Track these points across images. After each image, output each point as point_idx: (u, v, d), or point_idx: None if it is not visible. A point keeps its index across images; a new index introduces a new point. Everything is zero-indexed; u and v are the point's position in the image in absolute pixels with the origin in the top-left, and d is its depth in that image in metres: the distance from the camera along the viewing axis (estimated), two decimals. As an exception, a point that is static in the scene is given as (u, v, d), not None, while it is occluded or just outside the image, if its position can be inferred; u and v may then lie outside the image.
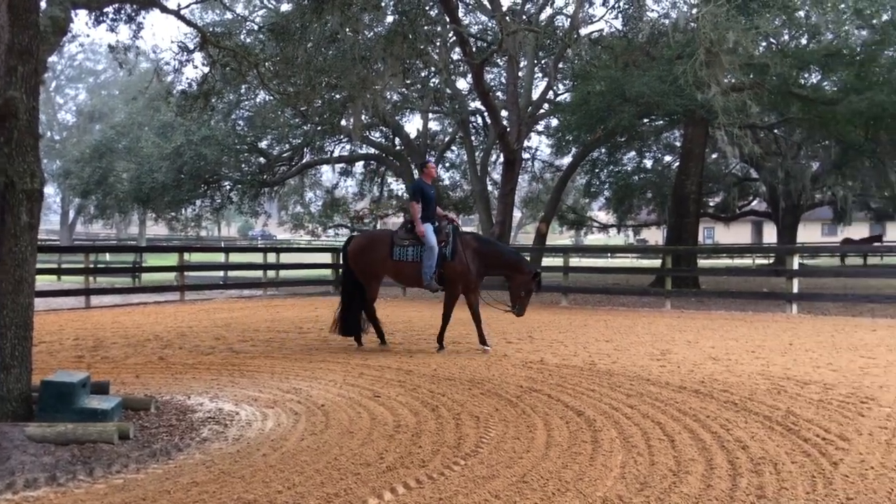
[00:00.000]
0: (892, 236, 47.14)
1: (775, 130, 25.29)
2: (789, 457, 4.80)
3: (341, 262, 10.77)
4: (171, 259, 25.39)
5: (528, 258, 26.14)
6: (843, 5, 15.02)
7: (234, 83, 19.00)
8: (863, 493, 4.12)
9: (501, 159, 25.66)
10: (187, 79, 27.81)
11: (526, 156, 30.40)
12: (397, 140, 29.78)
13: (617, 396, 6.68)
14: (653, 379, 7.56)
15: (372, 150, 31.05)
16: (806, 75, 19.89)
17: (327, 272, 22.83)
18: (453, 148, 33.00)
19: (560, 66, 24.04)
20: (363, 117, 23.27)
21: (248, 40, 18.74)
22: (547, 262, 28.84)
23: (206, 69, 14.32)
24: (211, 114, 22.95)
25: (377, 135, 30.85)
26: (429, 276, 9.52)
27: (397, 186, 34.52)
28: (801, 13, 16.83)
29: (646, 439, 5.22)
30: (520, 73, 24.68)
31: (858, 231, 41.68)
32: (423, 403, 6.43)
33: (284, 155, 30.49)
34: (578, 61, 21.58)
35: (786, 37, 19.17)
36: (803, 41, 18.82)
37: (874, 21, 16.06)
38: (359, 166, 33.34)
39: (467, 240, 9.81)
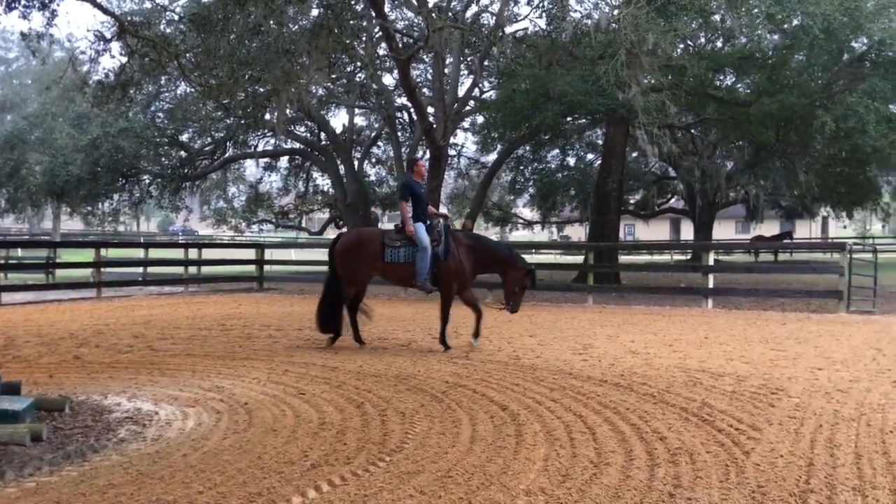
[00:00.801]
0: (801, 234, 49.18)
1: (692, 130, 26.07)
2: (704, 447, 4.97)
3: (328, 259, 10.10)
4: (88, 255, 24.59)
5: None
6: (756, 10, 15.57)
7: (154, 74, 18.50)
8: (773, 481, 4.29)
9: (428, 155, 25.73)
10: (104, 69, 26.85)
11: (452, 152, 30.57)
12: (323, 135, 29.53)
13: (540, 390, 6.79)
14: (575, 373, 7.72)
15: (297, 145, 30.72)
16: (721, 77, 20.57)
17: (251, 268, 22.46)
18: (380, 144, 32.91)
19: (485, 63, 24.26)
20: (288, 111, 23.03)
21: (169, 30, 18.26)
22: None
23: (124, 59, 13.93)
24: (129, 105, 22.34)
25: (302, 129, 30.53)
26: (423, 277, 9.27)
27: (323, 182, 34.25)
28: (717, 17, 17.38)
29: (568, 432, 5.33)
30: (446, 70, 24.79)
31: (769, 228, 43.31)
32: (348, 400, 6.41)
33: (206, 149, 29.88)
34: (503, 59, 21.80)
35: (702, 39, 19.79)
36: (719, 44, 19.45)
37: (785, 26, 16.71)
38: (283, 161, 32.93)
39: (459, 237, 9.62)
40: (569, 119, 25.04)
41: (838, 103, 16.25)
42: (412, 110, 25.72)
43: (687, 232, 49.29)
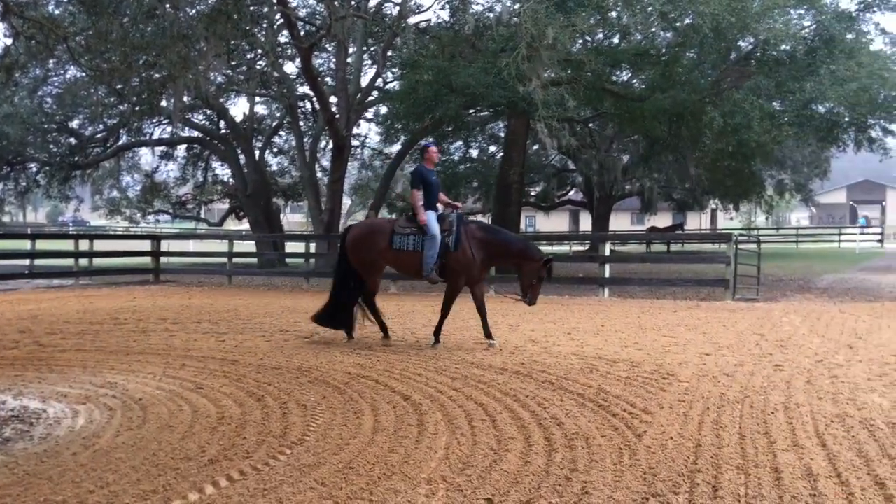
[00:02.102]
0: (692, 225, 51.25)
1: (590, 124, 26.73)
2: (599, 431, 5.14)
3: (339, 251, 9.80)
4: (-33, 247, 23.20)
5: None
6: (650, 8, 16.07)
7: (41, 57, 17.57)
8: (663, 462, 4.48)
9: (331, 146, 25.47)
10: (-15, 50, 25.40)
11: (355, 143, 30.37)
12: (222, 123, 28.81)
13: (442, 380, 6.86)
14: (476, 362, 7.83)
15: (195, 133, 29.87)
16: (618, 73, 21.13)
17: (147, 260, 21.72)
18: (281, 133, 32.38)
19: (389, 54, 24.16)
20: (185, 98, 22.34)
21: (57, 12, 17.40)
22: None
23: (9, 41, 13.18)
24: (14, 89, 21.17)
25: (200, 117, 29.73)
26: (429, 266, 8.94)
27: (223, 171, 33.44)
28: (614, 14, 17.84)
29: (469, 420, 5.42)
30: (349, 60, 24.58)
31: (663, 220, 44.95)
32: (248, 394, 6.31)
33: (98, 136, 28.70)
34: (407, 50, 21.77)
35: (600, 35, 20.27)
36: (616, 40, 19.98)
37: (678, 24, 17.30)
38: (181, 150, 31.96)
39: (472, 229, 9.17)
40: (471, 111, 25.24)
41: (726, 100, 16.98)
42: (315, 100, 25.39)
43: (585, 223, 50.59)
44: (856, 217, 67.24)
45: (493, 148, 33.94)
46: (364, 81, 25.44)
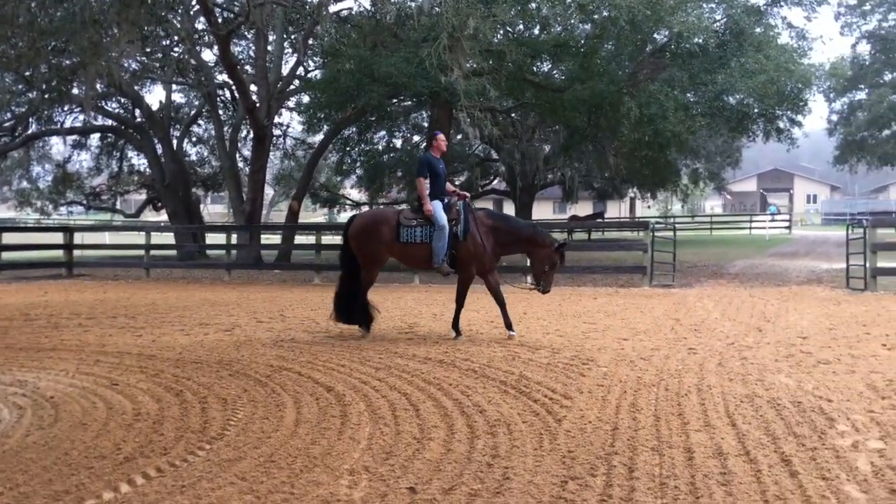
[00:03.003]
0: (611, 213, 52.37)
1: (512, 114, 26.97)
2: (521, 417, 5.23)
3: (341, 243, 9.54)
4: None
5: (281, 237, 25.94)
6: (569, 0, 16.33)
7: (-61, 42, 16.71)
8: (582, 446, 4.59)
9: (251, 135, 25.02)
10: None
11: (277, 132, 29.92)
12: (138, 112, 27.96)
13: (366, 370, 6.86)
14: (400, 352, 7.85)
15: (109, 122, 28.91)
16: (539, 64, 21.38)
17: (59, 254, 20.94)
18: (200, 122, 31.65)
19: (310, 42, 23.86)
20: (97, 86, 21.57)
21: (-45, -6, 16.53)
22: (300, 239, 28.66)
23: None
24: None
25: (114, 105, 28.81)
26: (440, 258, 8.68)
27: (139, 161, 32.49)
28: (534, 5, 18.03)
29: (392, 410, 5.43)
30: (269, 48, 24.16)
31: (584, 208, 45.79)
32: (166, 389, 6.18)
33: (6, 125, 27.48)
34: (328, 38, 21.54)
35: (521, 26, 20.44)
36: (536, 31, 20.17)
37: (595, 16, 17.62)
38: (95, 139, 30.92)
39: (480, 217, 8.92)
40: (394, 100, 25.17)
41: (642, 91, 17.40)
42: (234, 88, 24.88)
43: (509, 212, 51.00)
44: (766, 204, 69.89)
45: (416, 137, 33.92)
46: (285, 70, 25.06)
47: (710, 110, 17.79)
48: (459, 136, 31.50)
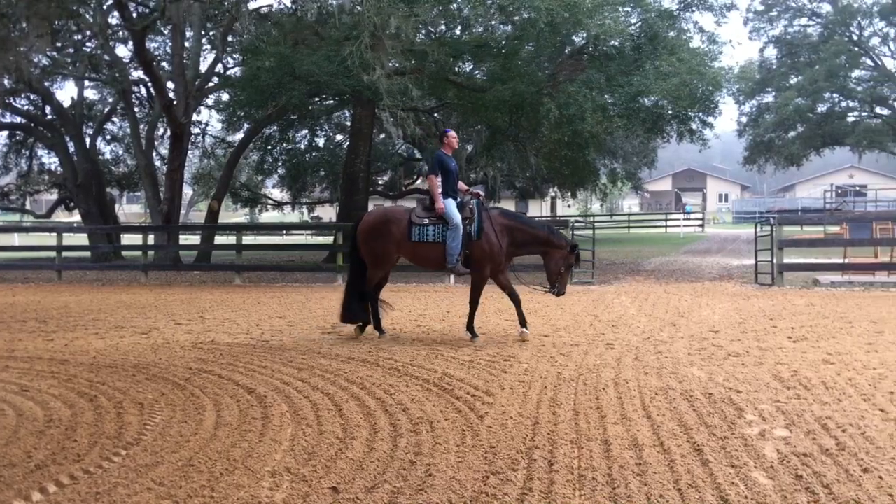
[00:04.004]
0: (533, 212, 53.07)
1: (435, 114, 27.07)
2: (443, 414, 5.28)
3: (351, 242, 9.17)
4: None
5: (200, 237, 25.39)
6: (489, 1, 16.50)
7: None
8: (503, 441, 4.66)
9: (168, 133, 24.41)
10: None
11: (196, 130, 29.26)
12: (48, 109, 26.91)
13: (289, 371, 6.80)
14: (323, 352, 7.81)
15: (18, 119, 27.73)
16: (461, 64, 21.53)
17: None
18: (115, 120, 30.69)
19: (229, 39, 23.43)
20: (5, 82, 20.70)
21: None
22: (220, 240, 28.13)
23: None
24: None
25: (24, 102, 27.63)
26: (454, 258, 8.41)
27: (50, 160, 31.29)
28: (455, 5, 18.16)
29: (315, 411, 5.41)
30: (186, 44, 23.61)
31: (506, 207, 46.22)
32: (79, 394, 5.99)
33: None
34: (248, 35, 21.20)
35: (443, 27, 20.57)
36: (458, 32, 20.33)
37: (516, 18, 17.85)
38: (2, 137, 29.65)
39: (494, 215, 8.68)
40: (316, 99, 24.96)
41: (561, 92, 17.71)
42: (150, 85, 24.22)
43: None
44: (680, 203, 71.99)
45: (339, 137, 33.71)
46: (203, 67, 24.54)
47: (627, 111, 18.24)
48: (383, 136, 31.47)
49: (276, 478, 4.04)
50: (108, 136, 31.68)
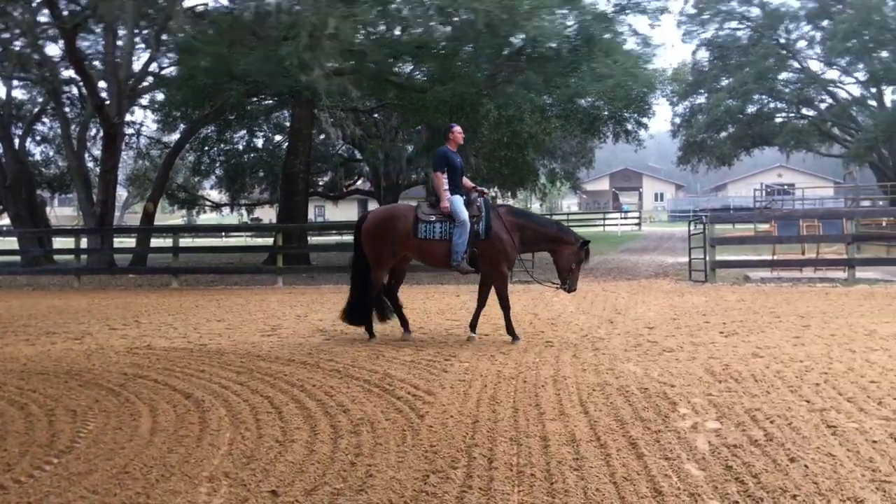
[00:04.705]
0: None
1: (375, 115, 27.02)
2: (384, 415, 5.29)
3: (354, 240, 8.99)
4: None
5: (135, 240, 24.81)
6: (428, 1, 16.51)
7: None
8: (443, 440, 4.69)
9: (101, 134, 23.81)
10: None
11: (130, 131, 28.63)
12: (-27, 109, 25.98)
13: (227, 375, 6.72)
14: (263, 355, 7.74)
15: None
16: (401, 65, 21.50)
17: None
18: (45, 120, 29.79)
19: (164, 38, 22.94)
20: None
21: None
22: (156, 242, 27.57)
23: None
24: None
25: (-54, 101, 26.62)
26: (459, 255, 8.23)
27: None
28: (394, 6, 18.10)
29: (254, 414, 5.36)
30: (119, 43, 23.05)
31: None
32: (9, 402, 5.82)
33: None
34: (183, 35, 20.79)
35: (382, 27, 20.49)
36: (397, 32, 20.28)
37: (455, 19, 17.89)
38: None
39: (503, 213, 8.52)
40: (254, 99, 24.65)
41: (500, 93, 17.87)
42: (82, 84, 23.59)
43: (374, 212, 51.07)
44: (618, 202, 73.25)
45: (278, 137, 33.34)
46: (137, 66, 23.97)
47: (564, 112, 18.50)
48: (323, 136, 31.26)
49: (213, 483, 4.00)
50: (38, 137, 30.78)
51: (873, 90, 36.60)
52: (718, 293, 12.83)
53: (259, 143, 33.26)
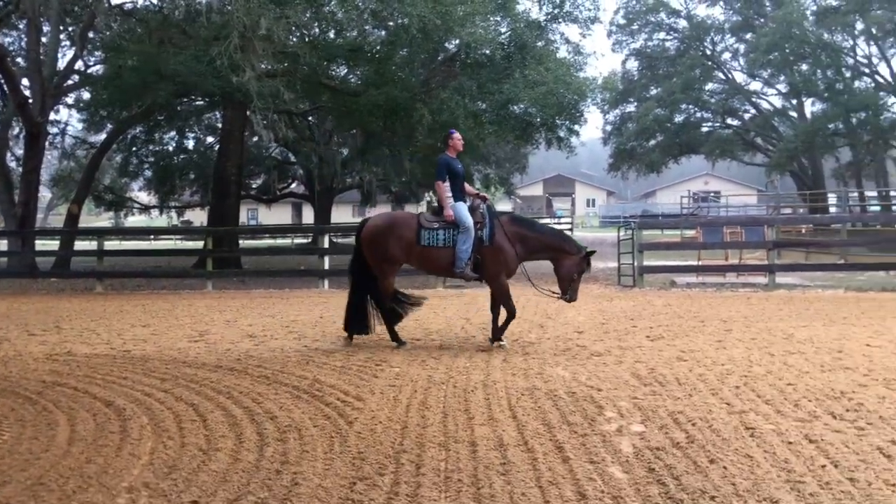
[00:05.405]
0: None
1: (310, 118, 26.80)
2: (312, 421, 5.23)
3: (354, 247, 8.69)
4: None
5: (59, 242, 24.02)
6: (362, 5, 16.48)
7: None
8: (372, 446, 4.66)
9: (24, 133, 23.00)
10: None
11: (54, 130, 27.69)
12: None
13: (151, 382, 6.56)
14: (189, 361, 7.58)
15: None
16: (335, 68, 21.40)
17: None
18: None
19: (90, 35, 22.33)
20: None
21: None
22: (80, 245, 26.72)
23: None
24: None
25: None
26: (463, 262, 8.12)
27: None
28: (328, 9, 18.02)
29: (178, 422, 5.24)
30: (44, 39, 22.34)
31: (382, 212, 46.26)
32: (-84, 414, 5.57)
33: None
34: (110, 32, 20.28)
35: (316, 30, 20.35)
36: (332, 35, 20.18)
37: (390, 23, 17.92)
38: None
39: (504, 221, 8.44)
40: (185, 100, 24.17)
41: (434, 98, 17.92)
42: (2, 81, 22.73)
43: (309, 216, 50.64)
44: (552, 207, 74.20)
45: (210, 139, 32.79)
46: (62, 64, 23.28)
47: (498, 118, 18.64)
48: (256, 139, 30.85)
49: (132, 494, 3.90)
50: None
51: (794, 102, 38.01)
52: (646, 298, 13.11)
53: (190, 144, 32.68)
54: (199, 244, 23.18)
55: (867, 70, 35.60)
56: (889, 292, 13.49)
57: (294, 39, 18.52)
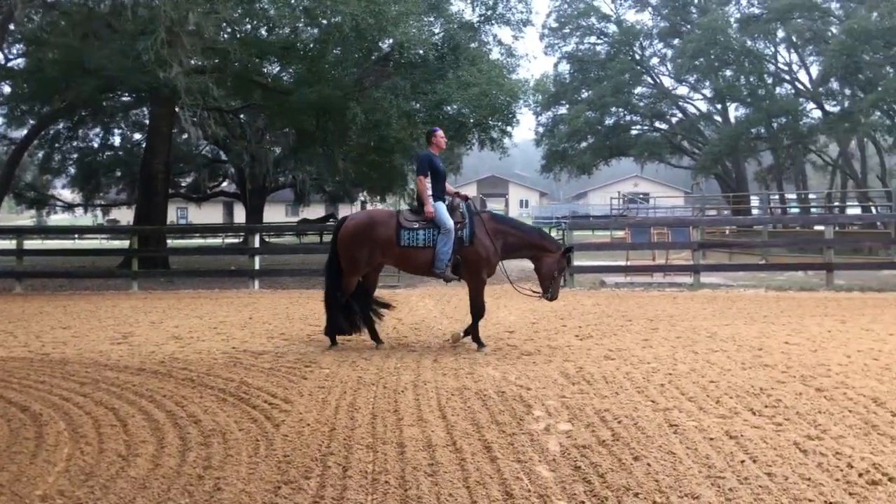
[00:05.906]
0: (344, 215, 52.90)
1: (241, 115, 26.34)
2: (238, 425, 5.14)
3: (331, 246, 8.42)
4: None
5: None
6: (294, 1, 16.27)
7: None
8: (299, 449, 4.61)
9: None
10: None
11: (-32, 125, 26.60)
12: None
13: (70, 386, 6.35)
14: (111, 364, 7.36)
15: None
16: (267, 65, 21.09)
17: None
18: None
19: (10, 27, 21.49)
20: None
21: None
22: (-2, 245, 25.75)
23: None
24: None
25: None
26: (444, 263, 7.99)
27: None
28: (260, 5, 17.75)
29: (96, 427, 5.09)
30: (-43, 29, 21.40)
31: (316, 212, 45.84)
32: None
33: None
34: (30, 25, 19.56)
35: (248, 26, 20.03)
36: (264, 32, 19.88)
37: (323, 21, 17.74)
38: None
39: (485, 219, 8.31)
40: (110, 95, 23.48)
41: (368, 97, 17.84)
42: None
43: (240, 215, 49.77)
44: (485, 208, 74.60)
45: (137, 136, 31.94)
46: (-21, 56, 22.34)
47: (431, 118, 18.64)
48: (186, 136, 30.17)
49: (47, 502, 3.77)
50: None
51: (718, 106, 39.09)
52: (576, 298, 13.29)
53: (116, 141, 31.80)
54: (126, 243, 22.57)
55: (788, 77, 36.89)
56: (807, 292, 13.98)
57: (225, 36, 18.20)
